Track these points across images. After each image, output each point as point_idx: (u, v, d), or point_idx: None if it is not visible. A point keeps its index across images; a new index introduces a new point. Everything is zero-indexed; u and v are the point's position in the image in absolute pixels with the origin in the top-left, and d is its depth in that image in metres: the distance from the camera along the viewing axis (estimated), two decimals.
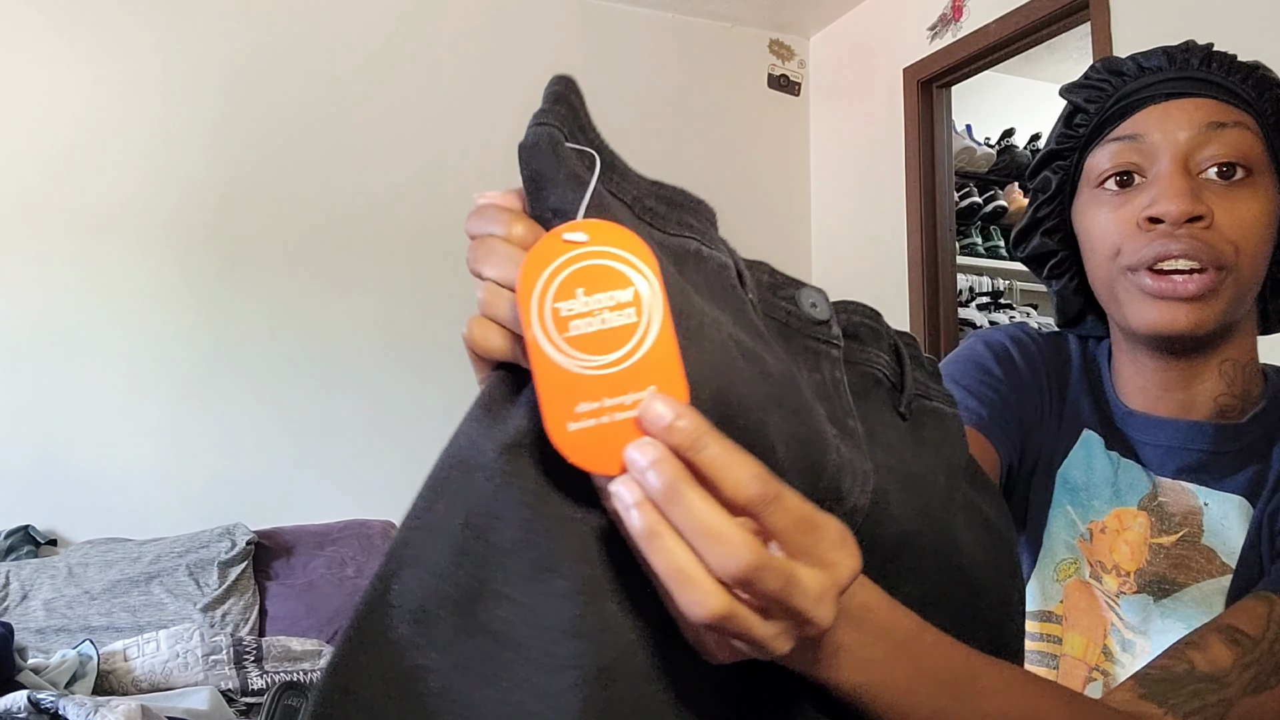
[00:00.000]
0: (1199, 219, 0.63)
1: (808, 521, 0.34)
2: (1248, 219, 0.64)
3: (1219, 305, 0.65)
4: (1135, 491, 0.74)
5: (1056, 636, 0.76)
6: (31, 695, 1.45)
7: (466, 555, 0.34)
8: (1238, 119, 0.65)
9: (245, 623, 2.11)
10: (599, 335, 0.34)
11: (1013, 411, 0.77)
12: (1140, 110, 0.68)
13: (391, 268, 2.74)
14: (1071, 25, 2.37)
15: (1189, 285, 0.64)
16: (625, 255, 0.35)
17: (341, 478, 2.63)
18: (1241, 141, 0.64)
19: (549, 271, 0.34)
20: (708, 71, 3.21)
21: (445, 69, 2.84)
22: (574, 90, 0.43)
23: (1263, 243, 0.65)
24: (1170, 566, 0.71)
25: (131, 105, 2.50)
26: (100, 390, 2.43)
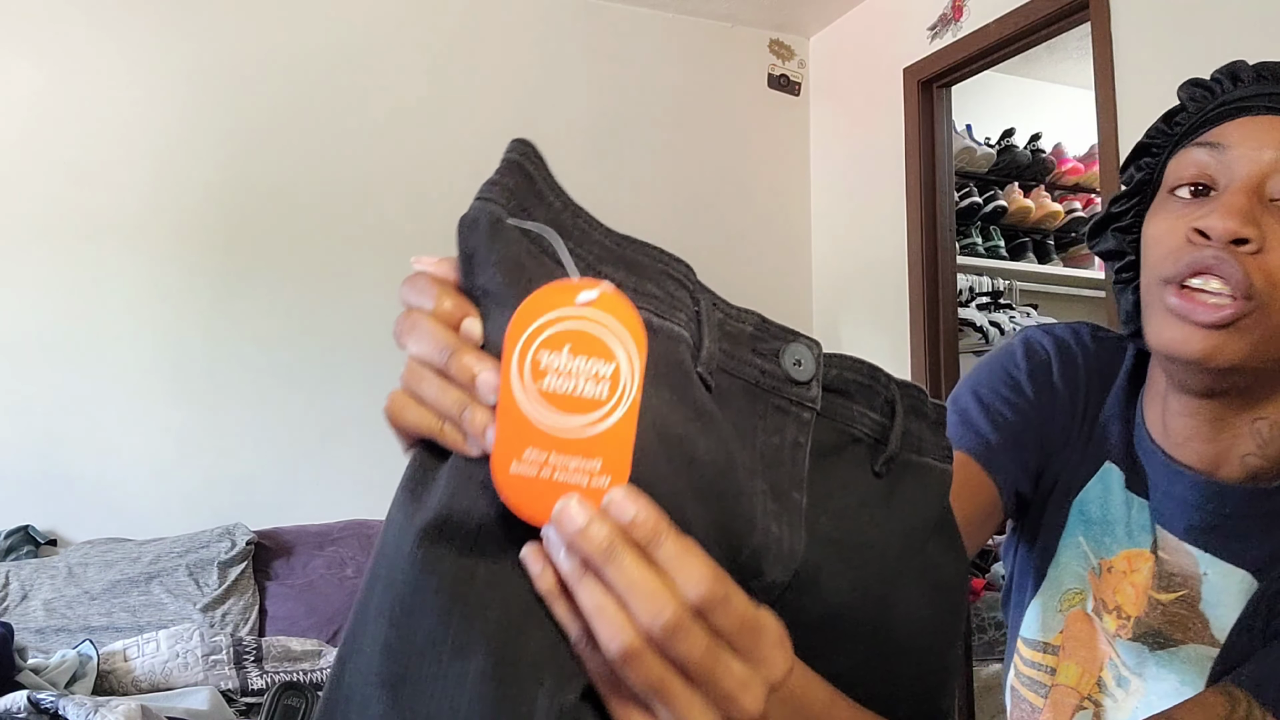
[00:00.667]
0: (1245, 241, 0.59)
1: (752, 622, 0.35)
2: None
3: (1241, 340, 0.60)
4: (1147, 534, 0.71)
5: (1051, 667, 0.75)
6: (31, 695, 1.45)
7: (393, 642, 0.36)
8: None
9: (245, 623, 2.11)
10: (568, 397, 0.35)
11: (1033, 433, 0.74)
12: (1233, 119, 0.62)
13: (392, 269, 2.74)
14: (1071, 25, 2.37)
15: (1209, 310, 0.60)
16: (621, 332, 0.35)
17: (342, 478, 2.63)
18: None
19: (549, 317, 0.35)
20: (708, 71, 3.21)
21: (446, 70, 2.84)
22: (530, 156, 0.44)
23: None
24: (1166, 623, 0.68)
25: (133, 110, 2.50)
26: (100, 390, 2.43)
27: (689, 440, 0.39)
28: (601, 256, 0.42)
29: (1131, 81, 2.15)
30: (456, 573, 0.36)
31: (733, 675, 0.35)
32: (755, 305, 1.97)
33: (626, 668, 0.34)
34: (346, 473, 2.63)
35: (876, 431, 0.48)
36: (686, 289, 0.44)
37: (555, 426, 0.35)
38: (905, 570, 0.48)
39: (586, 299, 0.35)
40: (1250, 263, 0.59)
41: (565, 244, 0.40)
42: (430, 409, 0.37)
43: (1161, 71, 2.08)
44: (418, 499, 0.37)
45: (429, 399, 0.37)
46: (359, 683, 0.37)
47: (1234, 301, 0.59)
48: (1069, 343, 0.77)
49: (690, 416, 0.40)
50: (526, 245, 0.39)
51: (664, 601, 0.33)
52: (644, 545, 0.34)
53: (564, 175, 1.86)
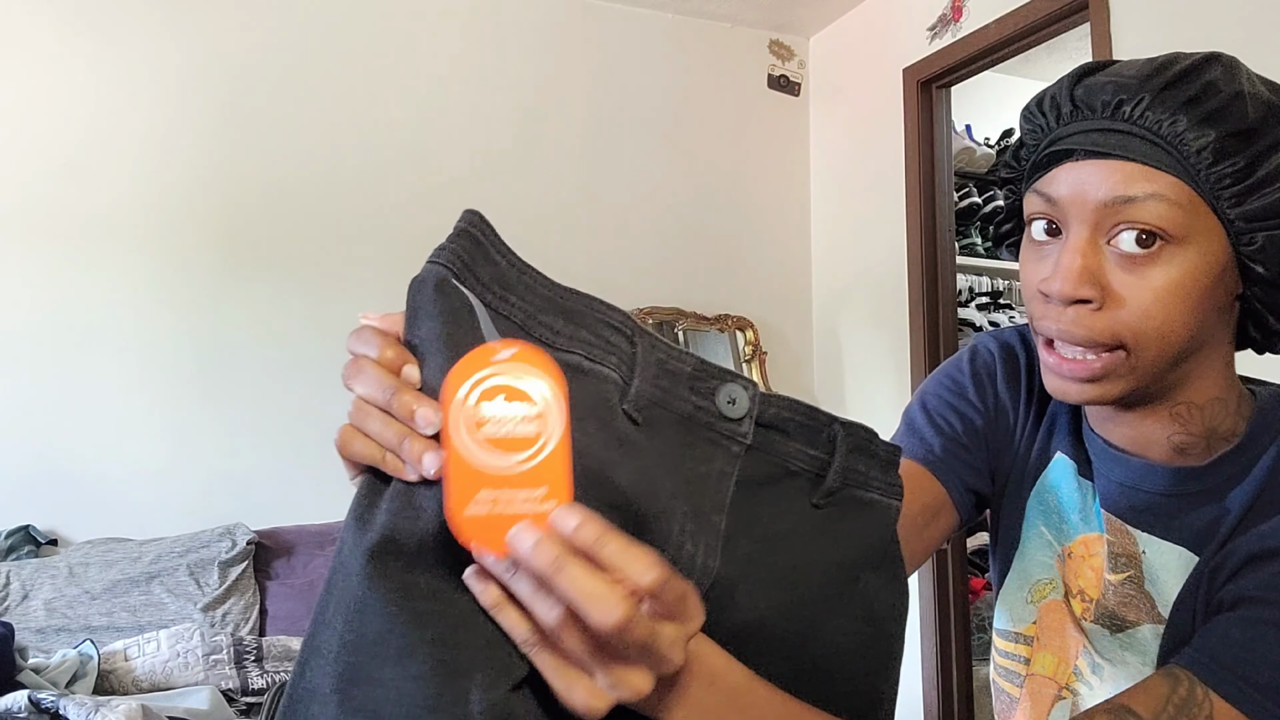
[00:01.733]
0: (1086, 302, 0.60)
1: (683, 593, 0.42)
2: (1152, 296, 0.59)
3: (1118, 381, 0.62)
4: (1098, 519, 0.73)
5: (1025, 657, 0.76)
6: (32, 695, 1.46)
7: (345, 646, 0.41)
8: (1155, 188, 0.58)
9: (245, 622, 2.11)
10: (506, 439, 0.41)
11: (979, 436, 0.77)
12: (1060, 165, 0.62)
13: (391, 268, 2.74)
14: (1071, 26, 2.37)
15: (1078, 367, 0.62)
16: (540, 375, 0.41)
17: (341, 478, 2.60)
18: (1159, 212, 0.58)
19: (476, 378, 0.41)
20: (708, 71, 3.21)
21: (445, 69, 2.85)
22: (478, 224, 0.51)
23: (1179, 312, 0.59)
24: (1119, 604, 0.70)
25: (131, 106, 2.51)
26: (101, 390, 2.43)
27: (609, 466, 0.45)
28: (543, 307, 0.48)
29: None
30: (400, 586, 0.41)
31: (666, 639, 0.41)
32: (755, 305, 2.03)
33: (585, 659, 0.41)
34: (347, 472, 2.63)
35: (815, 466, 0.52)
36: (624, 334, 0.49)
37: (499, 467, 0.40)
38: (836, 597, 0.52)
39: (504, 356, 0.41)
40: (1095, 320, 0.60)
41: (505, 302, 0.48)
42: (374, 441, 0.44)
43: None
44: (364, 523, 0.43)
45: (373, 433, 0.44)
46: (318, 681, 0.42)
47: (1098, 357, 0.61)
48: (1013, 346, 0.79)
49: (612, 445, 0.46)
50: (465, 303, 0.46)
51: (613, 604, 0.38)
52: (590, 550, 0.39)
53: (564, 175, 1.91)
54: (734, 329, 3.11)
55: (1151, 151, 0.58)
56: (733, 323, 3.10)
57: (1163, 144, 0.58)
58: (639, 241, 3.05)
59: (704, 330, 3.08)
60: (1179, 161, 0.58)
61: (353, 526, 0.43)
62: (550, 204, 2.93)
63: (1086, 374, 0.61)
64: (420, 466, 0.42)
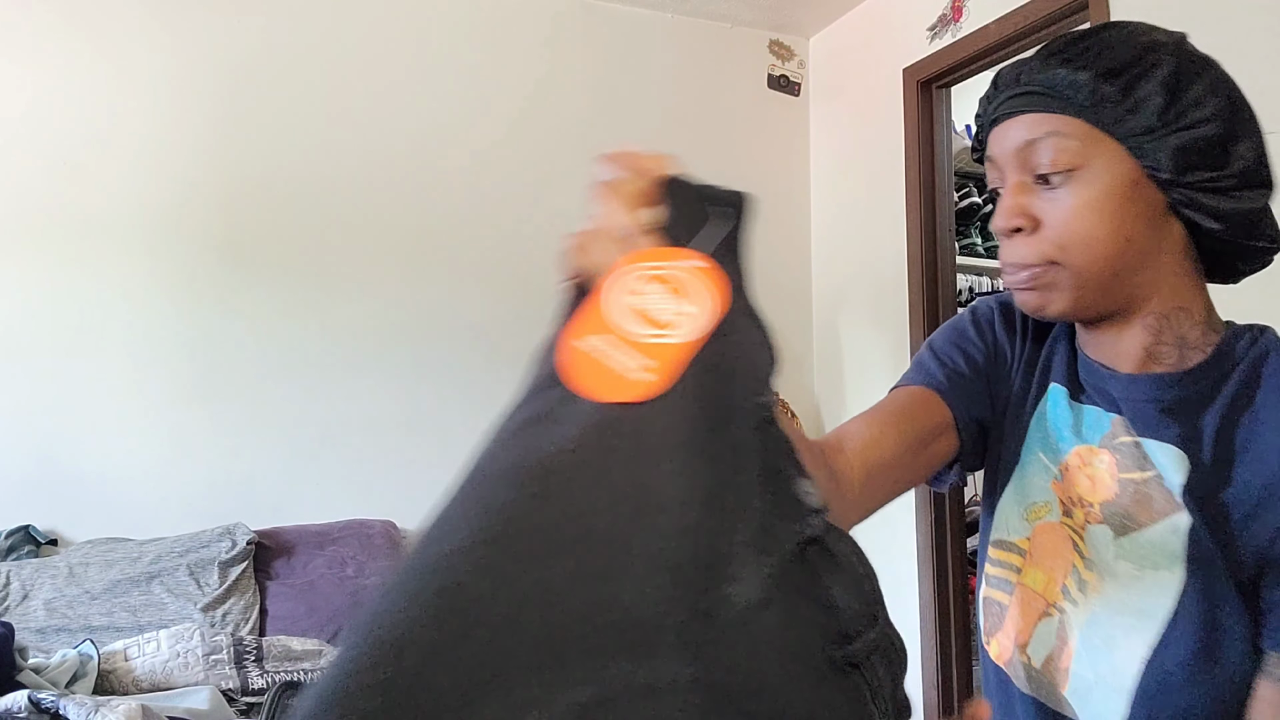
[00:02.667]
0: (1019, 229, 0.72)
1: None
2: (1069, 213, 0.70)
3: (1063, 293, 0.72)
4: (1096, 431, 0.78)
5: (1017, 566, 0.81)
6: (32, 695, 1.46)
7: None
8: (1050, 127, 0.70)
9: (246, 622, 2.11)
10: (647, 314, 0.42)
11: (979, 371, 0.86)
12: (990, 131, 0.76)
13: (391, 269, 2.74)
14: (1071, 26, 2.38)
15: (1019, 283, 0.74)
16: (709, 293, 0.43)
17: (342, 477, 2.63)
18: (1056, 147, 0.70)
19: (661, 262, 0.43)
20: (708, 71, 3.21)
21: (445, 69, 2.85)
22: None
23: (1096, 224, 0.70)
24: (1134, 503, 0.74)
25: (129, 106, 2.51)
26: (101, 390, 2.43)
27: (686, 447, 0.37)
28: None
29: None
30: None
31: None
32: None
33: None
34: (346, 472, 2.64)
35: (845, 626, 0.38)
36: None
37: (626, 327, 0.42)
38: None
39: (694, 265, 0.43)
40: (1030, 241, 0.72)
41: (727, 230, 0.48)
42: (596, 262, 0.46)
43: None
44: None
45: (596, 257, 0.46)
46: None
47: (1031, 271, 0.72)
48: (1009, 301, 0.89)
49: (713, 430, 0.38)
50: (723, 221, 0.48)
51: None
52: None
53: (564, 176, 1.93)
54: None
55: (1044, 101, 0.71)
56: None
57: (1050, 93, 0.70)
58: None
59: None
60: (1066, 102, 0.70)
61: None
62: (550, 204, 2.93)
63: (1029, 283, 0.73)
64: None
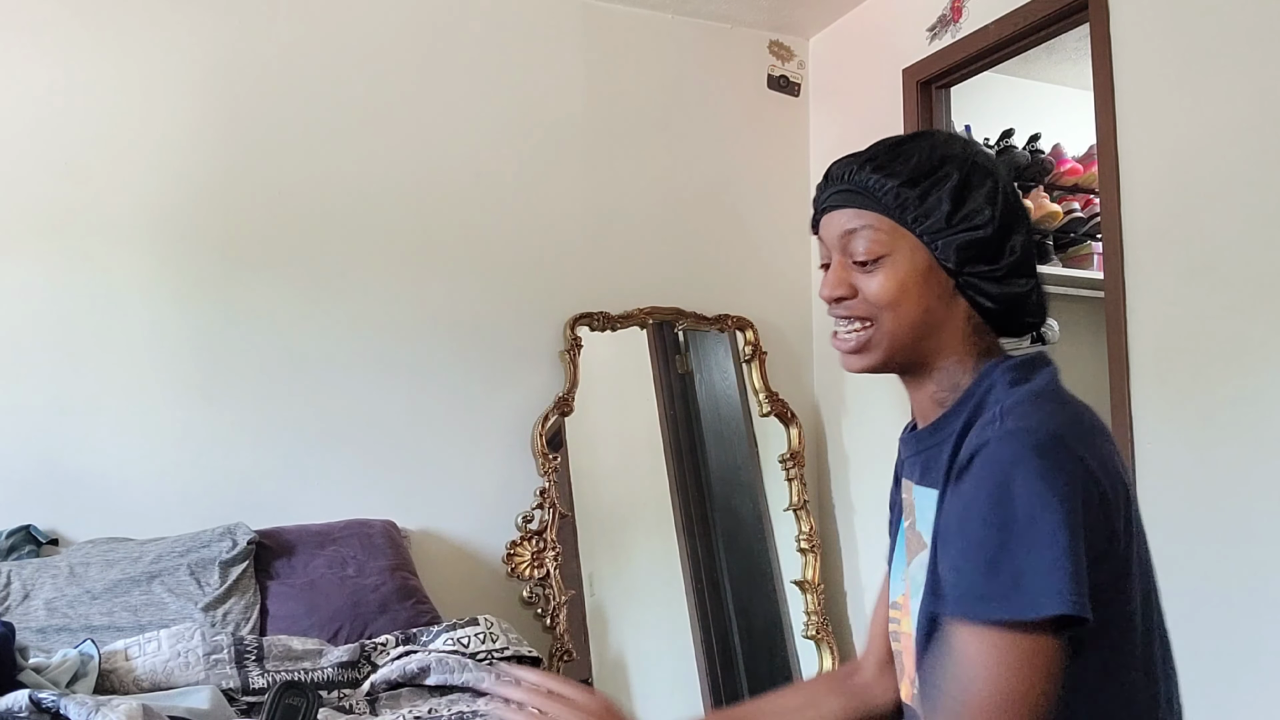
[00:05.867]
0: (842, 298, 0.90)
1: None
2: (879, 288, 0.87)
3: (876, 349, 0.89)
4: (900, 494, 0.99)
5: (897, 619, 0.96)
6: (33, 694, 1.46)
7: None
8: (865, 221, 0.88)
9: (246, 622, 2.11)
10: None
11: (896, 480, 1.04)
12: (821, 217, 0.93)
13: (391, 268, 2.74)
14: (1071, 26, 2.38)
15: (848, 343, 0.91)
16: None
17: (342, 477, 2.63)
18: (868, 239, 0.87)
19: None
20: (708, 72, 3.21)
21: (445, 69, 2.85)
22: None
23: (901, 296, 0.87)
24: (909, 546, 0.93)
25: (135, 106, 2.51)
26: (102, 390, 2.43)
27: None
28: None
29: (1130, 83, 2.15)
30: None
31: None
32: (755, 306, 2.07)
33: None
34: (347, 472, 2.64)
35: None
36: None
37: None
38: None
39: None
40: (851, 306, 0.90)
41: None
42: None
43: (1160, 73, 2.09)
44: None
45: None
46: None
47: (857, 332, 0.90)
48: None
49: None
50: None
51: None
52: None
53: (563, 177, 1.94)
54: (734, 329, 3.11)
55: (860, 199, 0.88)
56: (733, 323, 3.10)
57: (865, 193, 0.88)
58: (639, 241, 3.05)
59: (704, 330, 3.08)
60: (877, 202, 0.87)
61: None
62: (550, 204, 2.93)
63: (854, 346, 0.90)
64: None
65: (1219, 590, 1.90)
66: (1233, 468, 1.91)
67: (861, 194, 0.88)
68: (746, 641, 2.89)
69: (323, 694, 1.83)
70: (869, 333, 0.89)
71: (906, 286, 0.87)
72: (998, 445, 0.77)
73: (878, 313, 0.88)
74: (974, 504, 0.77)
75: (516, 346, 2.88)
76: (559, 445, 2.81)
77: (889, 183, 0.86)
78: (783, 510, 3.03)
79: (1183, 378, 2.02)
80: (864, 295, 0.88)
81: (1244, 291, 1.91)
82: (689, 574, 2.88)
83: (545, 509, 2.76)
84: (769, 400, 3.07)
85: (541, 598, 2.71)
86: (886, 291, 0.87)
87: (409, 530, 2.67)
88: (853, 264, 0.89)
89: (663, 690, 2.78)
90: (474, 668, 1.90)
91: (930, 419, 0.91)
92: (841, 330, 0.92)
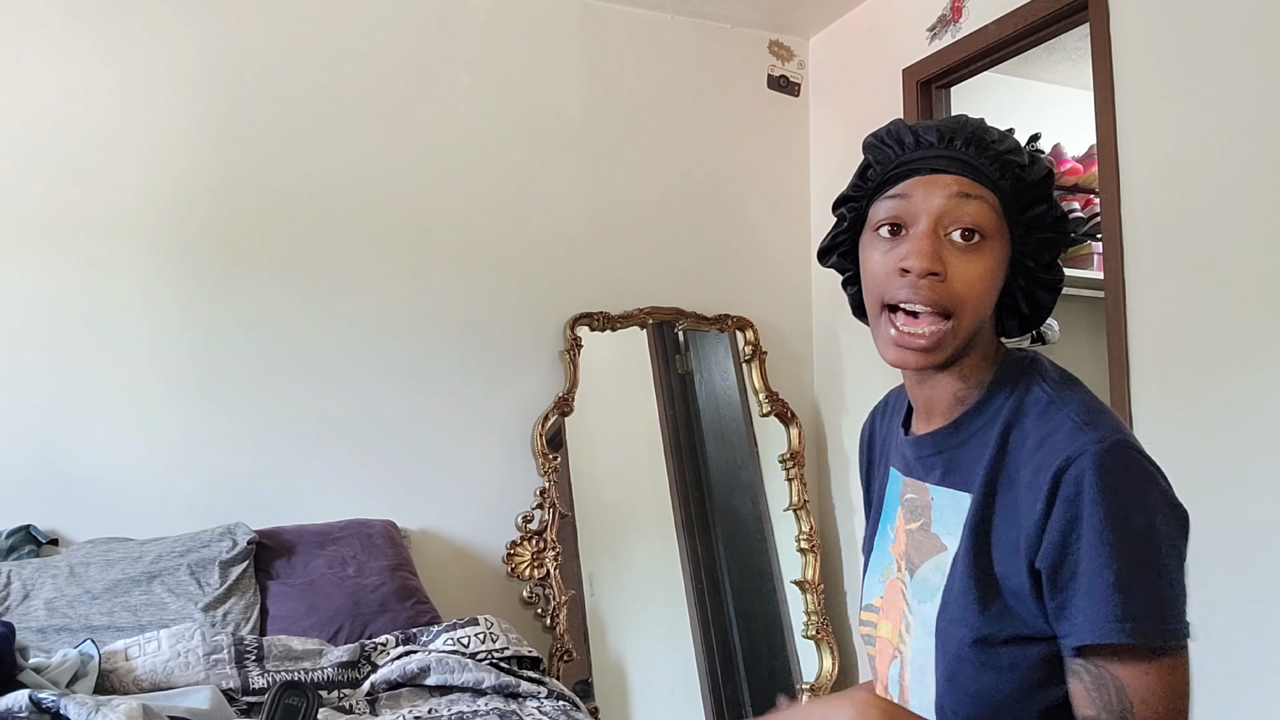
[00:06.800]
0: (935, 274, 0.82)
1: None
2: (975, 275, 0.82)
3: (943, 351, 0.84)
4: (895, 493, 0.95)
5: (874, 622, 0.96)
6: (33, 694, 1.46)
7: None
8: (980, 194, 0.82)
9: (246, 622, 2.11)
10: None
11: (867, 484, 1.08)
12: (911, 178, 0.85)
13: (391, 267, 2.74)
14: (1070, 27, 2.38)
15: (920, 340, 0.83)
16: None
17: (342, 477, 2.63)
18: (980, 212, 0.82)
19: None
20: (708, 72, 3.21)
21: (445, 69, 2.85)
22: None
23: (987, 292, 0.83)
24: (912, 548, 0.90)
25: (134, 106, 2.51)
26: (102, 390, 2.43)
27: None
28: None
29: (1130, 83, 2.15)
30: None
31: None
32: (755, 306, 2.08)
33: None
34: (347, 472, 2.64)
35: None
36: None
37: None
38: None
39: None
40: (941, 288, 0.82)
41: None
42: None
43: (1159, 73, 2.09)
44: None
45: None
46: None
47: (936, 328, 0.82)
48: (872, 415, 1.11)
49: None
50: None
51: None
52: None
53: (563, 177, 1.94)
54: (734, 329, 3.11)
55: (974, 172, 0.83)
56: (733, 323, 3.10)
57: (982, 168, 0.83)
58: (639, 241, 3.05)
59: (704, 330, 3.08)
60: (992, 183, 0.82)
61: None
62: (550, 204, 2.93)
63: (927, 344, 0.83)
64: None
65: (1219, 590, 1.90)
66: (1233, 467, 1.91)
67: (976, 166, 0.83)
68: (746, 641, 2.89)
69: (323, 694, 1.83)
70: (945, 329, 0.83)
71: (993, 279, 0.84)
72: (1110, 456, 0.74)
73: (960, 306, 0.82)
74: (1111, 517, 0.72)
75: (516, 346, 2.88)
76: (559, 445, 2.81)
77: (1018, 158, 0.83)
78: (783, 510, 3.04)
79: (1183, 377, 2.02)
80: (954, 279, 0.82)
81: (1244, 291, 1.91)
82: (689, 574, 2.88)
83: (545, 509, 2.76)
84: (769, 400, 3.07)
85: (541, 598, 2.71)
86: (980, 279, 0.82)
87: (409, 530, 2.67)
88: (949, 238, 0.82)
89: (662, 690, 2.78)
90: (474, 668, 1.90)
91: (949, 416, 0.88)
92: (913, 325, 0.83)
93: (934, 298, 0.82)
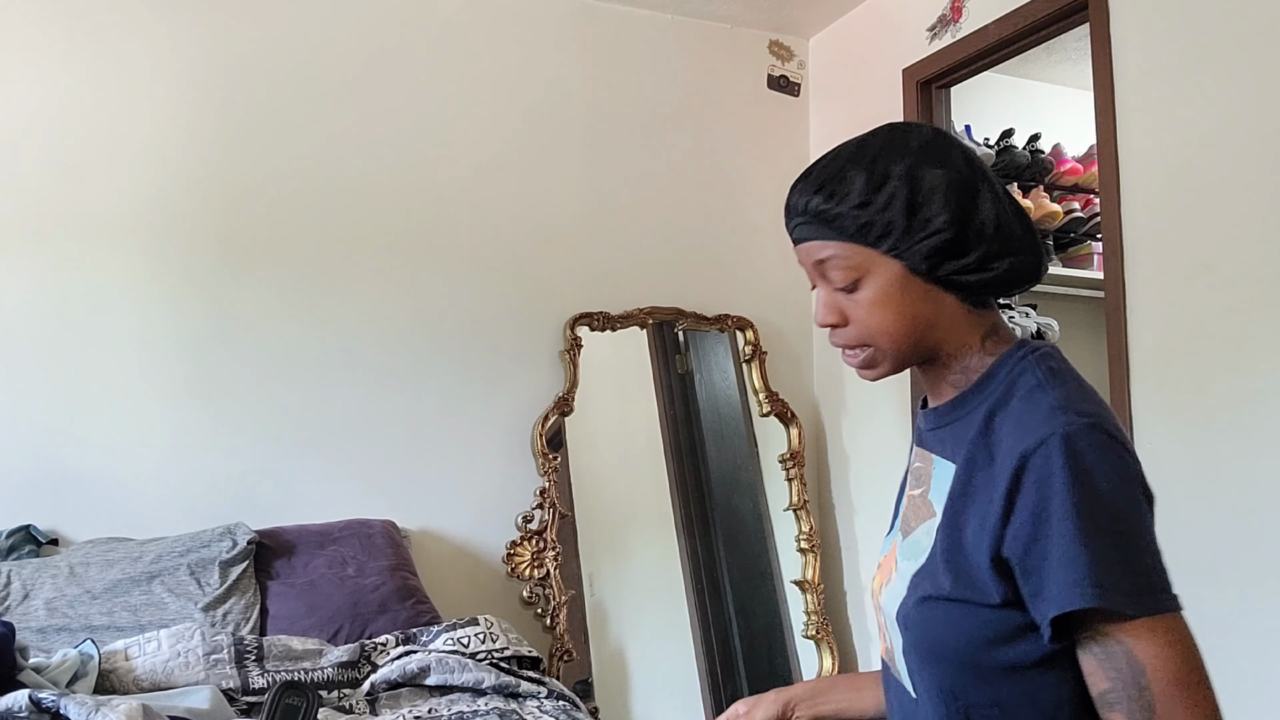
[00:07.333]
0: (835, 326, 0.92)
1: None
2: (866, 312, 0.89)
3: (884, 363, 0.92)
4: (910, 462, 1.03)
5: (875, 578, 1.03)
6: (33, 694, 1.46)
7: None
8: (832, 250, 0.89)
9: (246, 622, 2.11)
10: None
11: None
12: (795, 248, 0.94)
13: (392, 267, 2.74)
14: (1070, 27, 2.38)
15: (855, 363, 0.94)
16: None
17: (342, 477, 2.63)
18: (840, 265, 0.89)
19: None
20: (708, 72, 3.21)
21: (446, 70, 2.85)
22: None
23: (888, 317, 0.89)
24: (911, 512, 0.96)
25: (131, 107, 2.51)
26: (101, 390, 2.43)
27: None
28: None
29: (1130, 83, 2.15)
30: None
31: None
32: (755, 307, 2.08)
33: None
34: (347, 472, 2.64)
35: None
36: None
37: None
38: None
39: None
40: (845, 333, 0.92)
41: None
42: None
43: (1159, 73, 2.09)
44: None
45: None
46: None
47: (862, 355, 0.92)
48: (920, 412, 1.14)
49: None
50: None
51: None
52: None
53: (564, 176, 1.95)
54: (734, 329, 3.11)
55: (822, 230, 0.89)
56: (733, 323, 3.10)
57: (824, 223, 0.88)
58: (639, 241, 3.05)
59: (704, 330, 3.08)
60: (837, 230, 0.88)
61: None
62: (550, 204, 2.93)
63: (862, 364, 0.93)
64: None
65: (1219, 590, 1.90)
66: (1233, 468, 1.91)
67: (821, 224, 0.89)
68: (746, 641, 2.89)
69: (323, 694, 1.83)
70: (870, 352, 0.92)
71: (888, 302, 0.88)
72: (1079, 437, 0.77)
73: (869, 337, 0.90)
74: (1080, 494, 0.75)
75: (516, 346, 2.88)
76: (559, 445, 2.81)
77: (841, 209, 0.87)
78: (783, 510, 3.04)
79: (1183, 378, 2.02)
80: (852, 320, 0.91)
81: (1244, 291, 1.91)
82: (689, 574, 2.88)
83: (545, 509, 2.76)
84: (769, 400, 3.07)
85: (541, 598, 2.71)
86: (871, 314, 0.89)
87: (409, 530, 2.67)
88: (835, 290, 0.91)
89: (663, 690, 2.78)
90: (474, 668, 1.90)
91: (946, 398, 0.94)
92: (847, 357, 0.95)
93: (843, 341, 0.93)
